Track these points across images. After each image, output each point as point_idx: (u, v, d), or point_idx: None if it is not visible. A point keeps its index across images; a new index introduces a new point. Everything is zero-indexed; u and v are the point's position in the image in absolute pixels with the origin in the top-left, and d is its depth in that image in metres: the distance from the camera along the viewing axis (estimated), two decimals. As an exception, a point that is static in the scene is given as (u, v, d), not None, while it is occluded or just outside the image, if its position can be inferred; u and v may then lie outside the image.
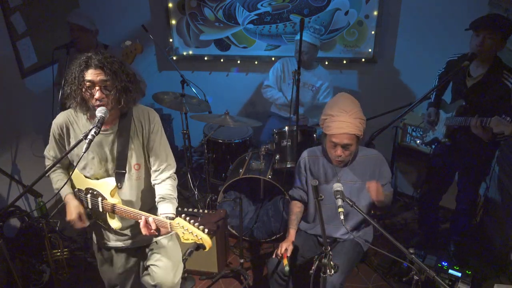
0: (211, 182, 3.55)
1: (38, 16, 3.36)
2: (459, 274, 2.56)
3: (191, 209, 2.90)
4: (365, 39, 3.68)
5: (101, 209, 1.84)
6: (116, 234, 1.98)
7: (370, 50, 3.70)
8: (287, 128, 3.04)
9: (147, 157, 1.87)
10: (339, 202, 1.73)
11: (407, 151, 3.56)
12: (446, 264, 2.63)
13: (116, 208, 1.78)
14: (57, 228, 3.38)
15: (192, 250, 1.80)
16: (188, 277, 2.82)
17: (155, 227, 1.67)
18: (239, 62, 4.01)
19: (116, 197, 1.81)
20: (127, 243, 2.01)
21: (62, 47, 2.85)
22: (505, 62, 2.41)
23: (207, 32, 3.96)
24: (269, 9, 3.73)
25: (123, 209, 1.77)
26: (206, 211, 2.87)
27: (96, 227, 2.02)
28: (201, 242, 1.57)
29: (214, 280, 2.85)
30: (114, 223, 1.85)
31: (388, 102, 3.83)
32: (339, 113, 2.04)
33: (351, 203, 1.75)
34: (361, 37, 3.68)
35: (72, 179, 1.89)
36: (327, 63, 3.81)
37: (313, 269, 1.88)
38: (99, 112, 1.62)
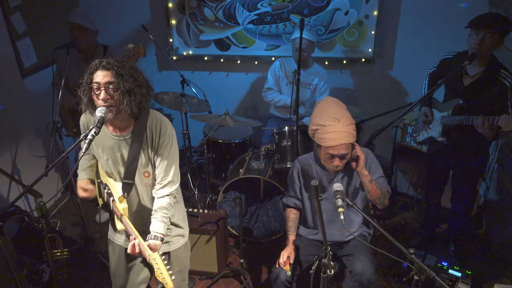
0: (211, 182, 3.55)
1: (38, 16, 3.36)
2: (459, 274, 2.56)
3: (191, 209, 2.90)
4: (365, 39, 3.68)
5: (111, 208, 1.88)
6: (124, 235, 2.00)
7: (370, 50, 3.70)
8: (287, 128, 3.04)
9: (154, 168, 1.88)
10: (339, 202, 1.73)
11: (407, 151, 3.56)
12: (446, 264, 2.63)
13: (122, 218, 1.82)
14: (57, 228, 3.39)
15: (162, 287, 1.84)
16: (188, 277, 2.82)
17: (138, 250, 1.71)
18: (239, 62, 4.01)
19: (124, 203, 1.84)
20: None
21: (62, 47, 2.85)
22: (504, 61, 2.42)
23: (207, 32, 3.96)
24: (269, 9, 3.73)
25: (126, 222, 1.80)
26: (206, 211, 2.88)
27: (110, 221, 2.05)
28: (165, 285, 1.61)
29: (214, 280, 2.86)
30: (119, 224, 1.88)
31: (388, 102, 3.83)
32: (331, 123, 1.96)
33: (351, 203, 1.75)
34: (361, 37, 3.68)
35: (98, 170, 1.97)
36: (327, 63, 3.80)
37: (313, 269, 1.88)
38: (99, 112, 1.63)
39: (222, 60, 4.03)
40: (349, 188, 2.22)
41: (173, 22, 3.96)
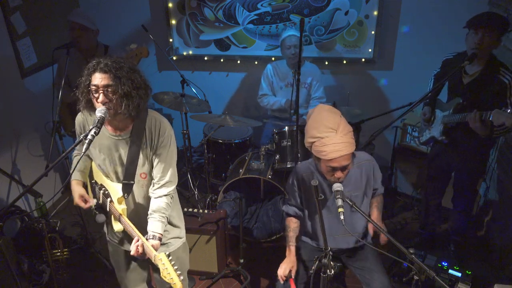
0: (211, 182, 3.55)
1: (38, 16, 3.36)
2: (459, 274, 2.56)
3: (191, 209, 2.90)
4: (365, 39, 3.68)
5: (108, 209, 1.86)
6: (123, 236, 2.00)
7: (370, 50, 3.70)
8: (287, 128, 3.04)
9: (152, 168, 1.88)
10: (339, 202, 1.73)
11: (407, 151, 3.56)
12: (446, 264, 2.63)
13: (121, 218, 1.81)
14: (57, 228, 3.39)
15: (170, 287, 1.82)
16: (188, 277, 2.82)
17: (142, 251, 1.69)
18: (239, 62, 4.01)
19: (122, 204, 1.83)
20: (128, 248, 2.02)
21: (62, 47, 2.85)
22: (503, 60, 2.42)
23: (207, 32, 3.96)
24: (269, 9, 3.73)
25: (126, 222, 1.79)
26: (206, 211, 2.88)
27: (106, 222, 2.04)
28: (174, 286, 1.60)
29: (214, 280, 2.85)
30: (116, 226, 1.86)
31: (388, 102, 3.84)
32: (328, 134, 1.85)
33: (351, 203, 1.75)
34: (361, 37, 3.68)
35: (92, 170, 1.96)
36: (327, 63, 3.81)
37: (313, 269, 1.88)
38: (99, 112, 1.63)
39: (222, 60, 4.03)
40: (351, 197, 2.13)
41: (173, 22, 3.96)
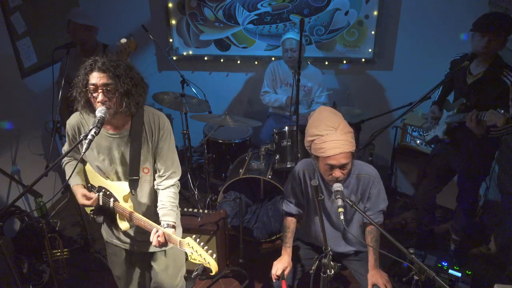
0: (211, 182, 3.55)
1: (38, 16, 3.36)
2: (459, 274, 2.56)
3: (191, 209, 2.90)
4: (365, 39, 3.68)
5: (112, 209, 1.86)
6: (124, 235, 2.00)
7: (370, 50, 3.70)
8: (287, 128, 3.04)
9: (155, 163, 1.88)
10: (339, 202, 1.72)
11: (407, 151, 3.56)
12: (446, 264, 2.63)
13: (133, 216, 1.81)
14: (57, 228, 3.38)
15: (203, 268, 1.81)
16: (188, 277, 2.82)
17: (164, 240, 1.71)
18: (239, 62, 4.01)
19: (129, 202, 1.84)
20: (132, 247, 2.03)
21: (62, 47, 2.86)
22: (507, 61, 2.42)
23: (207, 32, 3.96)
24: (269, 9, 3.73)
25: (139, 217, 1.80)
26: (206, 211, 2.88)
27: (106, 223, 2.04)
28: (208, 266, 1.61)
29: (214, 280, 2.85)
30: (122, 224, 1.87)
31: (388, 102, 3.84)
32: (328, 132, 1.85)
33: (351, 203, 1.75)
34: (361, 37, 3.68)
35: (86, 173, 1.95)
36: (327, 63, 3.81)
37: (313, 269, 1.88)
38: (99, 112, 1.63)
39: (222, 60, 4.03)
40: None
41: (173, 22, 3.96)
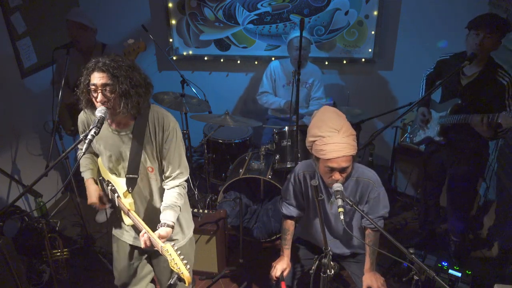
0: (211, 182, 3.55)
1: (38, 16, 3.36)
2: (459, 274, 2.56)
3: (191, 209, 2.90)
4: (365, 39, 3.68)
5: (116, 204, 1.89)
6: (131, 230, 2.02)
7: (370, 50, 3.70)
8: (287, 128, 3.04)
9: (160, 163, 1.89)
10: (339, 202, 1.72)
11: (407, 151, 3.56)
12: (446, 264, 2.63)
13: (129, 213, 1.83)
14: (57, 228, 3.39)
15: (177, 277, 1.83)
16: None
17: (150, 243, 1.72)
18: (239, 62, 4.01)
19: (129, 198, 1.85)
20: (139, 243, 2.02)
21: (62, 47, 2.85)
22: (503, 60, 2.43)
23: (207, 32, 3.96)
24: (269, 9, 3.73)
25: (133, 216, 1.82)
26: (206, 211, 2.88)
27: (114, 219, 2.06)
28: (182, 276, 1.62)
29: (214, 280, 2.85)
30: (126, 220, 1.90)
31: (388, 102, 3.84)
32: (330, 133, 1.83)
33: (351, 203, 1.75)
34: (361, 37, 3.68)
35: (99, 167, 1.98)
36: (327, 63, 3.81)
37: (313, 269, 1.88)
38: (99, 112, 1.64)
39: (222, 60, 4.03)
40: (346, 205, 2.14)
41: (173, 22, 3.96)
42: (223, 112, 3.18)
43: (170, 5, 3.88)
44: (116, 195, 1.86)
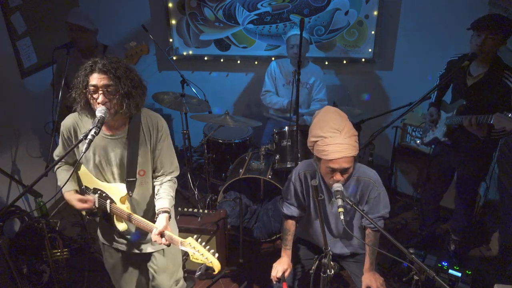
0: (211, 182, 3.55)
1: (38, 16, 3.36)
2: (459, 274, 2.56)
3: (191, 209, 2.90)
4: (365, 39, 3.68)
5: (108, 211, 1.85)
6: (121, 237, 1.99)
7: (370, 50, 3.70)
8: (287, 128, 3.04)
9: (152, 165, 1.89)
10: (339, 202, 1.72)
11: (407, 151, 3.56)
12: (446, 264, 2.63)
13: (131, 216, 1.81)
14: (57, 228, 3.38)
15: (205, 267, 1.82)
16: (188, 277, 2.82)
17: (166, 242, 1.71)
18: (239, 62, 4.01)
19: (126, 203, 1.84)
20: (129, 248, 2.02)
21: (62, 47, 2.85)
22: (507, 62, 2.42)
23: (207, 32, 3.96)
24: (269, 9, 3.73)
25: (137, 218, 1.79)
26: (206, 211, 2.88)
27: (101, 225, 2.03)
28: (210, 265, 1.61)
29: (214, 280, 2.85)
30: (120, 226, 1.87)
31: (388, 102, 3.84)
32: (332, 134, 1.82)
33: (351, 203, 1.75)
34: (361, 37, 3.68)
35: (79, 176, 1.91)
36: (327, 63, 3.81)
37: (313, 269, 1.87)
38: (99, 112, 1.62)
39: (222, 60, 4.03)
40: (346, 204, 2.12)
41: (173, 22, 3.96)
42: (223, 112, 3.18)
43: (170, 5, 3.88)
44: (108, 201, 1.83)
